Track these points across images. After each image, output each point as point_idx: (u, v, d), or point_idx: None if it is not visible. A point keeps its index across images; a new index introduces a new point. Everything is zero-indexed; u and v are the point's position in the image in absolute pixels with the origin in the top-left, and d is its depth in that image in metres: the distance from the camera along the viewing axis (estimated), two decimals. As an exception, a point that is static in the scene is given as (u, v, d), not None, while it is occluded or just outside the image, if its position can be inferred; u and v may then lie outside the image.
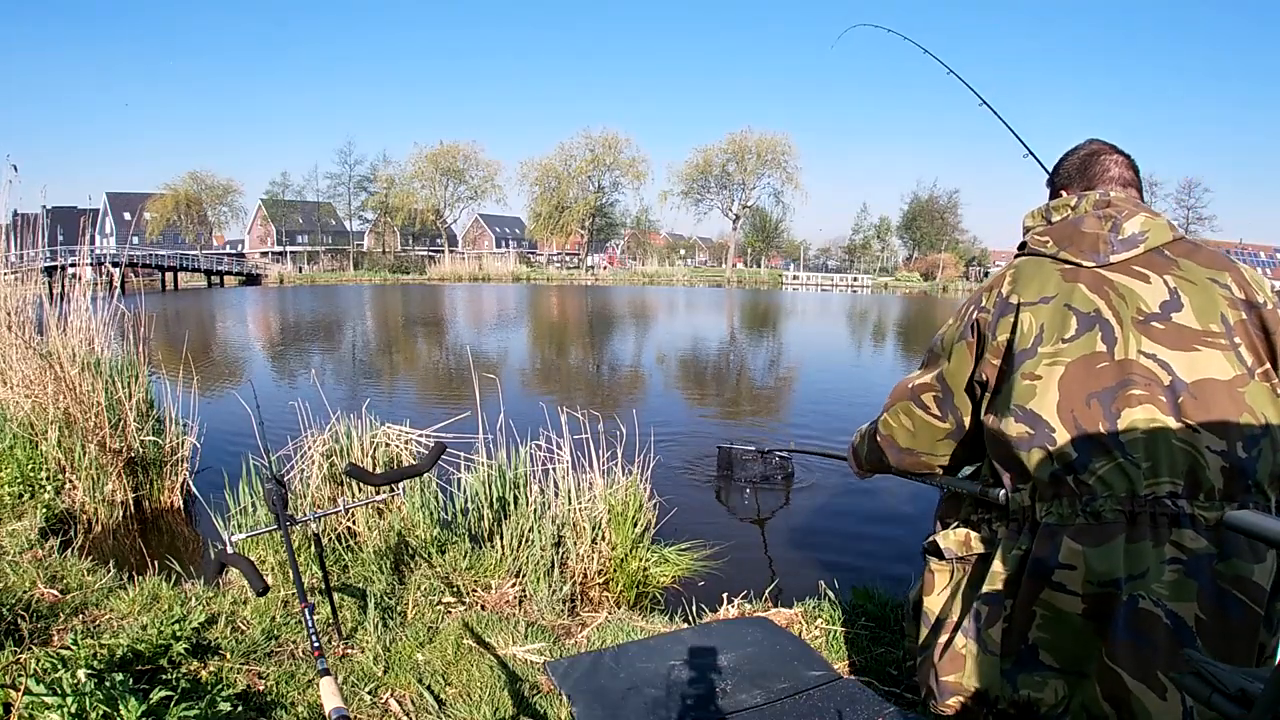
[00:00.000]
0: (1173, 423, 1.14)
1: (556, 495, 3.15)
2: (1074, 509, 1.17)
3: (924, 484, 1.65)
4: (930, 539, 1.45)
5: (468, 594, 2.64)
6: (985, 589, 1.28)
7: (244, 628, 2.23)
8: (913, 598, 1.53)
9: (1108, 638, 1.13)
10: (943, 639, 1.34)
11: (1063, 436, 1.18)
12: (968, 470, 1.52)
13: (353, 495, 3.16)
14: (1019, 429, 1.22)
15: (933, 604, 1.41)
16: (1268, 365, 1.19)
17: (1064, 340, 1.22)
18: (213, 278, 39.94)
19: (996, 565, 1.27)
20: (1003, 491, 1.30)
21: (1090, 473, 1.15)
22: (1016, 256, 1.42)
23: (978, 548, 1.36)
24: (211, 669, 1.92)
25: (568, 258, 62.41)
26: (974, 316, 1.33)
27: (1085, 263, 1.27)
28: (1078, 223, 1.32)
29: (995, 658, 1.25)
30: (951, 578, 1.40)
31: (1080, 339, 1.21)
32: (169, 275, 37.40)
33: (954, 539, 1.40)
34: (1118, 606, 1.12)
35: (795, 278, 56.60)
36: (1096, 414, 1.16)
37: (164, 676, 1.83)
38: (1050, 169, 1.58)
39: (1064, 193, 1.48)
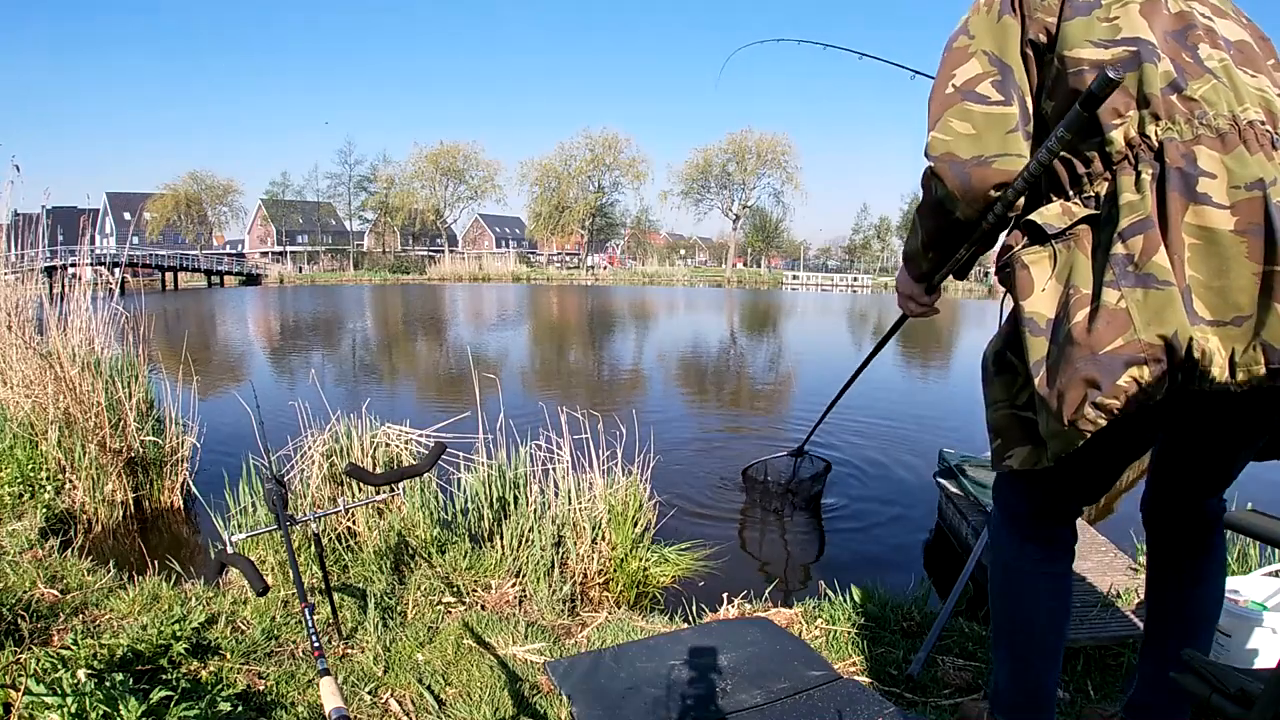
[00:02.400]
0: (1234, 64, 1.11)
1: (556, 495, 3.15)
2: (1191, 125, 1.06)
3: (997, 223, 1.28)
4: (1015, 229, 1.20)
5: (468, 594, 2.64)
6: (1125, 223, 1.05)
7: (244, 628, 2.23)
8: (992, 350, 1.27)
9: (1271, 246, 0.99)
10: (1079, 316, 1.06)
11: (1164, 52, 1.09)
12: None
13: (353, 495, 3.16)
14: (1117, 52, 1.09)
15: (1040, 304, 1.12)
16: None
17: None
18: (213, 278, 39.96)
19: (1129, 195, 1.06)
20: (1117, 129, 1.09)
21: (1194, 89, 1.07)
22: None
23: (1083, 210, 1.12)
24: (211, 669, 1.92)
25: (568, 258, 62.44)
26: None
27: None
28: None
29: (1172, 288, 1.00)
30: (1055, 263, 1.13)
31: None
32: (169, 275, 37.42)
33: (1051, 213, 1.14)
34: (1270, 209, 1.00)
35: (795, 277, 56.62)
36: (1177, 45, 1.11)
37: (164, 676, 1.83)
38: None
39: None
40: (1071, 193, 1.16)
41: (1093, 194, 1.13)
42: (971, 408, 6.79)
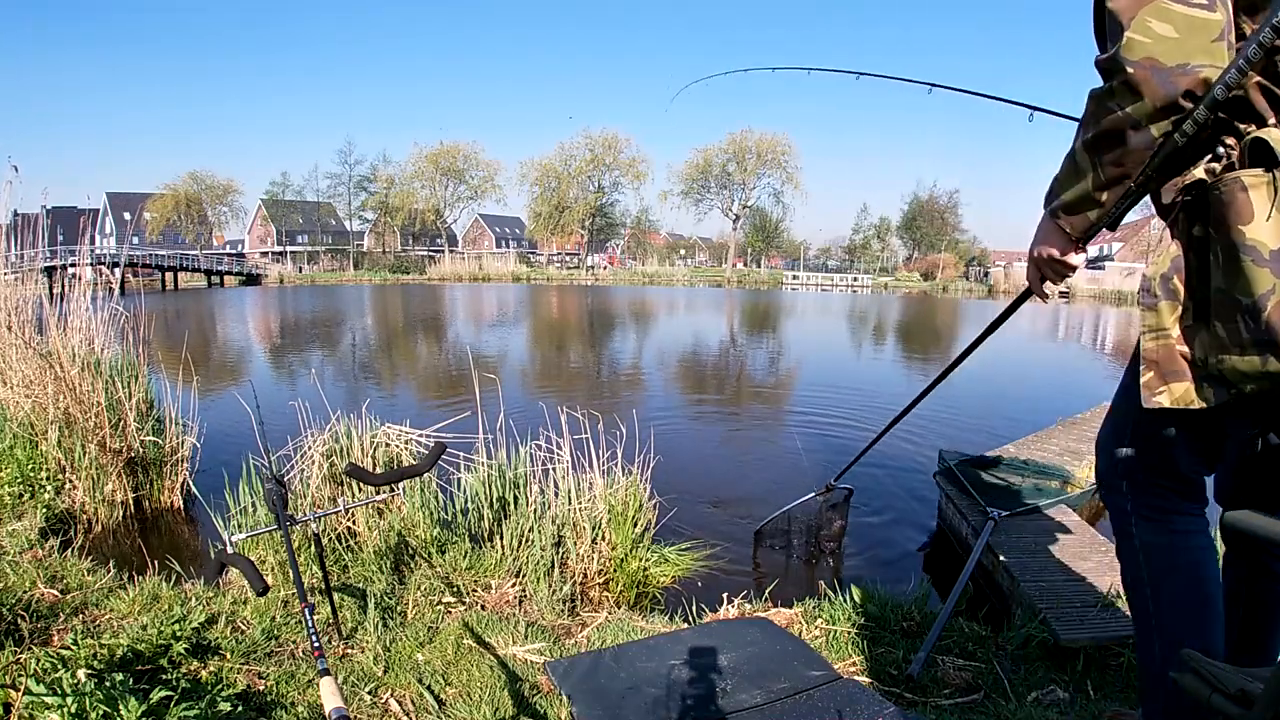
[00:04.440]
0: None
1: (556, 495, 3.15)
2: None
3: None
4: (1240, 145, 1.08)
5: (468, 594, 2.65)
6: None
7: (244, 628, 2.23)
8: (1157, 273, 1.17)
9: None
10: None
11: None
12: None
13: (353, 495, 3.16)
14: None
15: (1264, 233, 1.03)
16: None
17: None
18: (213, 278, 39.95)
19: None
20: None
21: None
22: None
23: None
24: (211, 669, 1.92)
25: (568, 258, 62.45)
26: None
27: None
28: None
29: None
30: (1274, 191, 1.05)
31: None
32: (169, 275, 37.40)
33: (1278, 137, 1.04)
34: None
35: (795, 277, 56.63)
36: None
37: (164, 676, 1.83)
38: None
39: None
40: (1273, 119, 1.07)
41: None
42: (972, 407, 6.82)
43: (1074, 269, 1.31)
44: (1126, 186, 1.14)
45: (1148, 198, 1.22)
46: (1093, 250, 43.46)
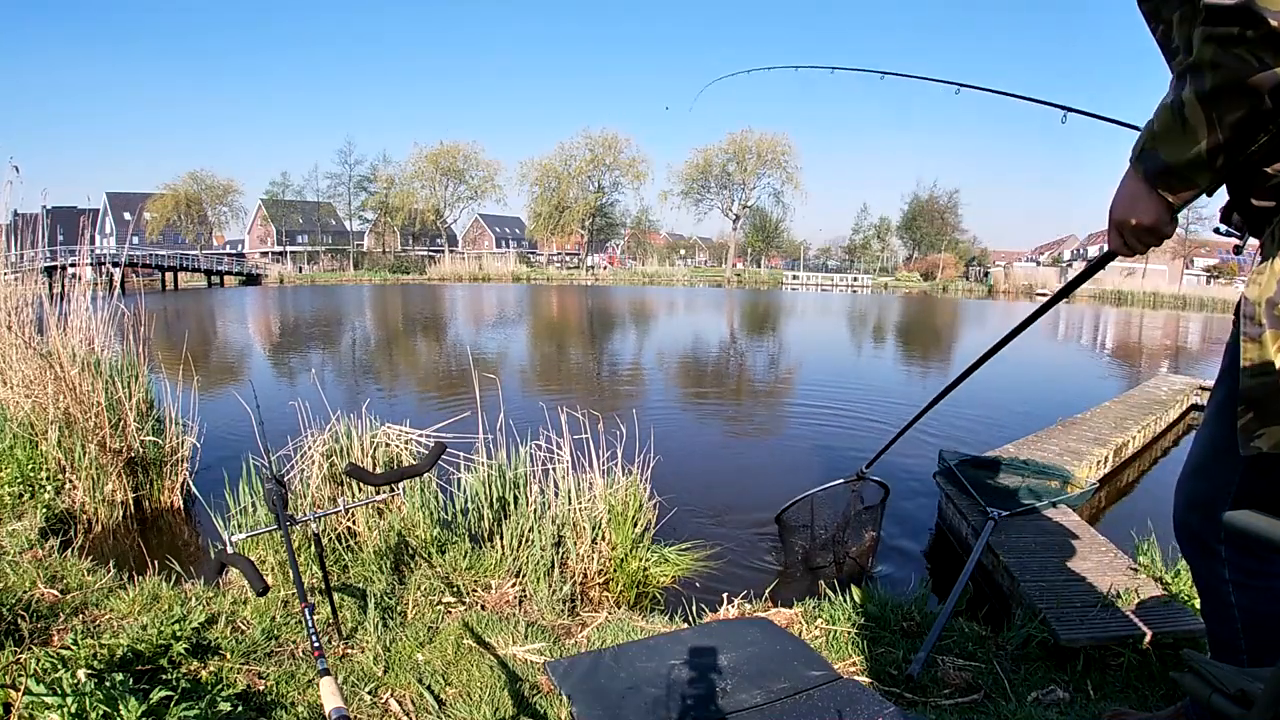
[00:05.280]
0: None
1: (556, 495, 3.15)
2: None
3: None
4: None
5: (468, 594, 2.65)
6: None
7: (244, 628, 2.23)
8: (1263, 297, 1.03)
9: None
10: None
11: None
12: None
13: (353, 495, 3.16)
14: None
15: None
16: None
17: None
18: (213, 278, 39.98)
19: None
20: None
21: None
22: None
23: None
24: (211, 669, 1.92)
25: (568, 258, 62.48)
26: None
27: None
28: None
29: None
30: None
31: None
32: (169, 275, 37.43)
33: None
34: None
35: (795, 277, 56.66)
36: None
37: (164, 676, 1.83)
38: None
39: None
40: None
41: None
42: (971, 407, 6.81)
43: (1166, 238, 1.16)
44: (1246, 152, 0.98)
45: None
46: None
